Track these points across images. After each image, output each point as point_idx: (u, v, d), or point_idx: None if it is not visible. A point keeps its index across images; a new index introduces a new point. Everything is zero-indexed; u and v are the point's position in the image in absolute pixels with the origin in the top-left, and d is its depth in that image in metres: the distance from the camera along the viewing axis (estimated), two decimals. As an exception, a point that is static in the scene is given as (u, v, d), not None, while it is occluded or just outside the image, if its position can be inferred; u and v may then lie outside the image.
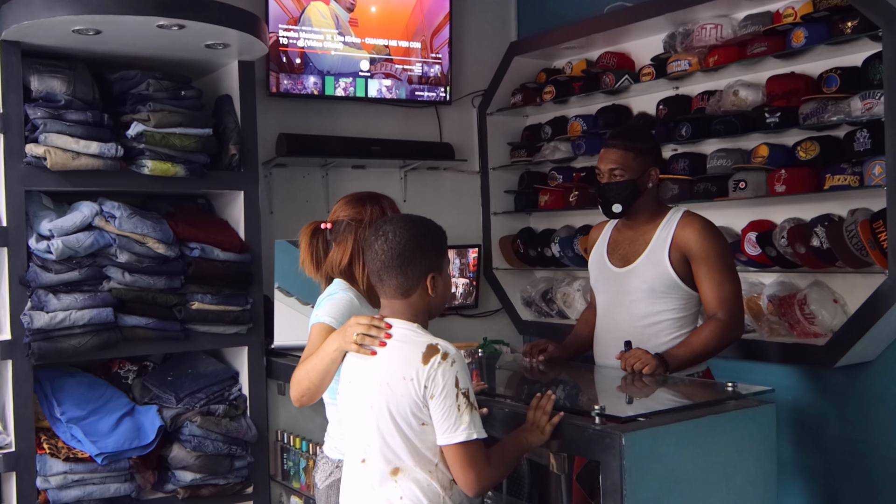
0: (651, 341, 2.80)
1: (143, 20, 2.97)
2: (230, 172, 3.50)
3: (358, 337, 2.08)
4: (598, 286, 3.06)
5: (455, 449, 2.00)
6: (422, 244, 2.11)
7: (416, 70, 4.62)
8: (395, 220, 2.16)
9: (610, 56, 4.43)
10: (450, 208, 4.85)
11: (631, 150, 2.87)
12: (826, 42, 3.39)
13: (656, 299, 2.86)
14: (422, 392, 2.00)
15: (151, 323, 3.28)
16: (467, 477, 2.02)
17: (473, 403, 2.03)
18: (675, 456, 2.14)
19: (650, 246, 2.89)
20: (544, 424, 2.18)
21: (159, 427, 3.26)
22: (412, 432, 2.03)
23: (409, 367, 2.01)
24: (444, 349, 2.02)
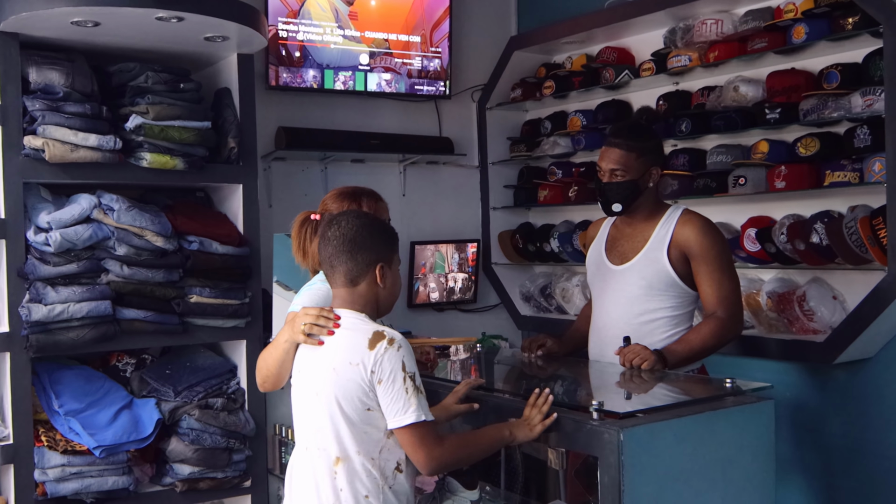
0: (647, 338, 2.80)
1: (142, 12, 2.96)
2: (229, 166, 3.49)
3: (306, 327, 2.12)
4: (594, 282, 3.06)
5: (406, 431, 2.05)
6: (373, 233, 2.17)
7: (416, 64, 4.61)
8: (348, 213, 2.26)
9: (610, 51, 4.42)
10: (449, 203, 4.84)
11: (633, 150, 2.86)
12: (827, 38, 3.38)
13: (653, 296, 2.86)
14: (368, 377, 2.04)
15: (150, 316, 3.28)
16: (419, 456, 2.07)
17: (420, 387, 2.08)
18: (674, 452, 2.14)
19: (649, 243, 2.89)
20: (536, 423, 2.20)
21: (157, 420, 3.26)
22: (358, 417, 2.06)
23: (355, 352, 2.06)
24: (390, 335, 2.07)
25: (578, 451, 2.30)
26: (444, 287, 4.75)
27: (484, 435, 2.21)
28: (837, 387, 3.48)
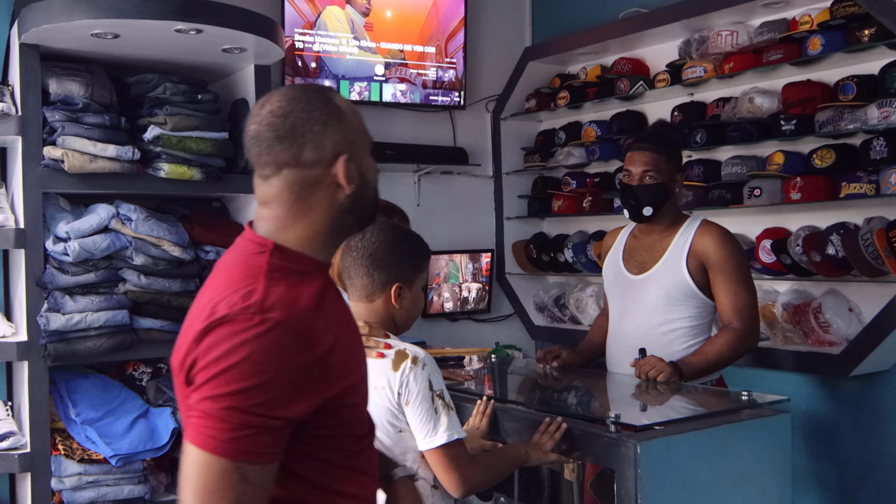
0: (666, 349, 2.80)
1: (161, 24, 2.99)
2: (245, 176, 3.50)
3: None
4: (612, 292, 3.06)
5: (437, 452, 2.00)
6: (395, 251, 2.10)
7: (431, 74, 4.63)
8: (379, 225, 2.16)
9: (625, 62, 4.42)
10: (463, 213, 4.85)
11: (663, 154, 2.89)
12: (842, 50, 3.38)
13: (672, 307, 2.86)
14: (396, 399, 2.00)
15: (166, 325, 3.29)
16: (451, 478, 2.02)
17: (449, 404, 2.03)
18: (690, 465, 2.14)
19: (667, 253, 2.89)
20: (548, 450, 2.21)
21: (173, 429, 3.27)
22: (390, 440, 2.03)
23: (379, 375, 2.01)
24: (414, 353, 2.02)
25: (594, 464, 2.30)
26: (457, 297, 4.75)
27: (507, 454, 2.20)
28: (853, 399, 3.46)
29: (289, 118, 1.44)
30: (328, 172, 1.46)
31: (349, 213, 1.50)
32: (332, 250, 1.53)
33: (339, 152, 1.47)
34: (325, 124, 1.45)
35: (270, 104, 1.46)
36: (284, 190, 1.46)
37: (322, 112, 1.45)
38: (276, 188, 1.47)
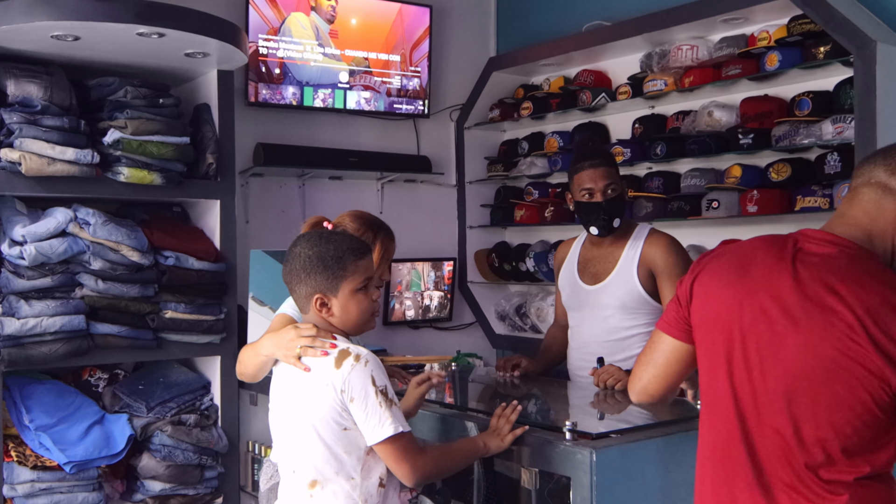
0: (623, 354, 2.88)
1: (123, 28, 2.97)
2: (207, 181, 3.49)
3: (301, 350, 2.08)
4: (570, 304, 3.11)
5: (386, 445, 2.03)
6: (306, 265, 2.08)
7: (395, 83, 4.64)
8: (299, 239, 2.15)
9: (587, 74, 4.47)
10: (426, 221, 4.86)
11: (614, 166, 3.01)
12: (799, 66, 3.45)
13: (627, 315, 2.93)
14: (339, 397, 2.02)
15: (124, 331, 3.26)
16: (402, 468, 2.05)
17: (393, 399, 2.05)
18: (645, 472, 2.17)
19: (619, 263, 2.97)
20: (506, 433, 2.22)
21: (129, 436, 3.24)
22: (334, 439, 2.05)
23: (324, 374, 2.03)
24: (356, 352, 2.04)
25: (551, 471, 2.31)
26: (419, 305, 4.76)
27: (461, 446, 2.23)
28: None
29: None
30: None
31: None
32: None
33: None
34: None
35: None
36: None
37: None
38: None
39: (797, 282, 1.63)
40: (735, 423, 1.71)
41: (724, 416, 1.73)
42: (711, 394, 1.78)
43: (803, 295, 1.61)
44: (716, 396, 1.76)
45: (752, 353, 1.67)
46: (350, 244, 2.15)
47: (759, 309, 1.66)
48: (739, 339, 1.69)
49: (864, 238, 1.66)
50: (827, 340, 1.57)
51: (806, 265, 1.64)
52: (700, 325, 1.79)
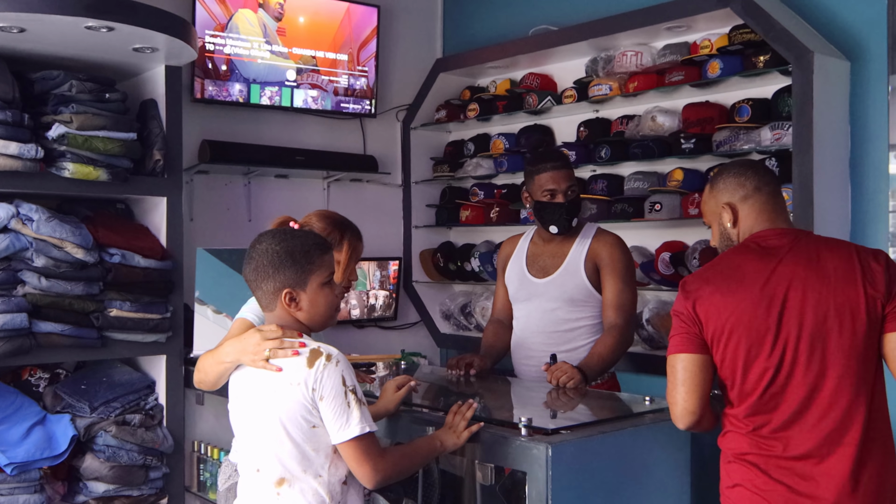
0: (568, 345, 3.04)
1: (71, 21, 2.91)
2: (154, 178, 3.44)
3: (271, 352, 2.08)
4: (517, 296, 3.21)
5: (350, 444, 2.05)
6: (273, 260, 2.09)
7: (343, 82, 4.64)
8: (262, 236, 2.16)
9: (533, 77, 4.54)
10: (372, 220, 4.85)
11: (572, 168, 3.13)
12: (739, 74, 3.56)
13: (574, 307, 3.07)
14: (310, 395, 2.03)
15: (67, 330, 3.20)
16: (363, 469, 2.07)
17: (361, 399, 2.08)
18: (598, 466, 2.23)
19: (568, 258, 3.10)
20: (461, 430, 2.26)
21: (72, 436, 3.18)
22: (303, 436, 2.06)
23: (295, 373, 2.04)
24: (327, 351, 2.06)
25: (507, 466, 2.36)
26: (364, 304, 4.77)
27: (420, 446, 2.25)
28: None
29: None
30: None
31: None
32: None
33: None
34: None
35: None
36: None
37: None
38: None
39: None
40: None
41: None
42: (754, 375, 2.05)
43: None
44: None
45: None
46: (314, 239, 2.18)
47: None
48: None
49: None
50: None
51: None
52: (721, 334, 2.06)
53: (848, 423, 2.01)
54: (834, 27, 3.40)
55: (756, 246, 2.13)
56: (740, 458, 2.09)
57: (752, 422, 2.07)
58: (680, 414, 2.11)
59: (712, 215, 2.28)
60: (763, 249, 2.12)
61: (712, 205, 2.27)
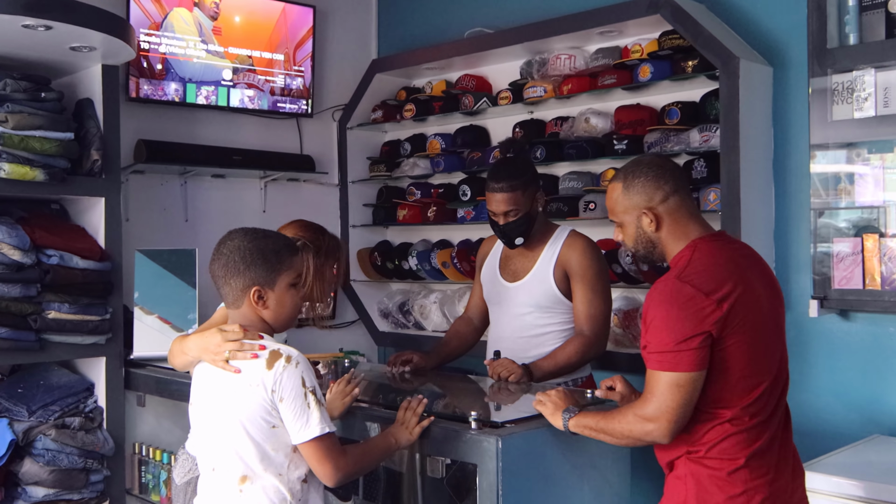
0: (536, 350, 3.02)
1: (8, 19, 2.87)
2: (91, 178, 3.41)
3: (230, 354, 2.12)
4: (490, 299, 3.23)
5: (310, 445, 2.09)
6: (246, 257, 2.13)
7: (279, 82, 4.64)
8: (234, 233, 2.20)
9: (469, 78, 4.61)
10: (309, 220, 4.86)
11: (517, 189, 3.01)
12: (669, 78, 3.70)
13: (543, 313, 3.06)
14: (269, 396, 2.07)
15: (4, 332, 3.15)
16: (325, 468, 2.11)
17: (320, 400, 2.12)
18: (545, 457, 2.32)
19: (537, 263, 3.09)
20: (413, 426, 2.32)
21: (11, 441, 3.13)
22: (262, 436, 2.09)
23: (254, 374, 2.08)
24: (287, 353, 2.10)
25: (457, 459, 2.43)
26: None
27: (376, 444, 2.30)
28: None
29: None
30: None
31: None
32: None
33: None
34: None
35: None
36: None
37: None
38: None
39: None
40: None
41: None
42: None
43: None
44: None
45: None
46: (285, 241, 2.22)
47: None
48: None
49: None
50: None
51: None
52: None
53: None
54: (758, 34, 3.56)
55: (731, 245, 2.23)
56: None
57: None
58: (676, 431, 2.04)
59: (626, 215, 2.24)
60: (738, 250, 2.22)
61: (626, 205, 2.22)
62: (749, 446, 2.07)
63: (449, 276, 4.54)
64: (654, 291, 2.11)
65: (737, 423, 2.06)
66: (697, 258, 2.12)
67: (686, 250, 2.16)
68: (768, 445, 2.10)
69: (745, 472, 2.05)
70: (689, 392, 2.02)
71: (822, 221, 3.24)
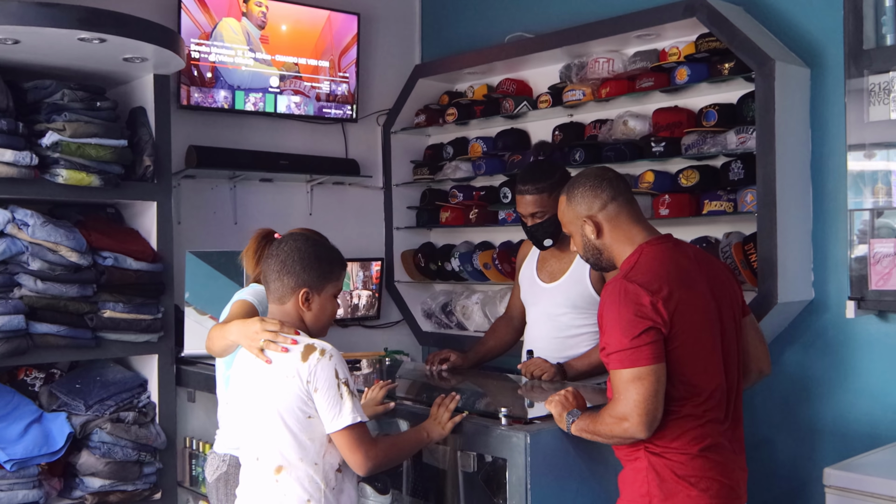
0: (572, 351, 3.08)
1: (65, 33, 3.03)
2: (144, 183, 3.56)
3: (264, 343, 2.24)
4: (527, 299, 3.29)
5: (343, 433, 2.20)
6: (303, 259, 2.29)
7: (324, 88, 4.77)
8: (293, 236, 2.38)
9: (509, 82, 4.68)
10: (354, 222, 5.00)
11: (543, 192, 3.08)
12: (706, 80, 3.72)
13: (578, 314, 3.10)
14: (305, 387, 2.18)
15: (63, 331, 3.31)
16: (356, 457, 2.21)
17: (353, 391, 2.23)
18: (573, 452, 2.38)
19: (573, 265, 3.14)
20: (445, 421, 2.40)
21: (69, 434, 3.29)
22: (299, 426, 2.20)
23: (290, 366, 2.20)
24: (321, 346, 2.22)
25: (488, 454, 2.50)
26: (348, 303, 4.90)
27: (407, 437, 2.40)
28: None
29: None
30: None
31: None
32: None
33: None
34: None
35: None
36: None
37: None
38: None
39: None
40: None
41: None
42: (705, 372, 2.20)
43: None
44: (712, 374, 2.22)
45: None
46: (338, 255, 2.39)
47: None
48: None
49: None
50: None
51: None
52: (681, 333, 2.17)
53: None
54: (795, 36, 3.57)
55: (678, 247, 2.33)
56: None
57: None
58: (650, 424, 2.10)
59: (571, 225, 2.39)
60: (684, 253, 2.31)
61: (571, 216, 2.38)
62: (703, 440, 2.16)
63: (490, 277, 4.61)
64: (604, 294, 2.21)
65: (692, 419, 2.16)
66: (643, 261, 2.22)
67: (633, 254, 2.26)
68: (721, 438, 2.22)
69: (700, 461, 2.16)
70: (653, 384, 2.09)
71: (858, 222, 3.24)
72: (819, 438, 3.48)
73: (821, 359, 3.47)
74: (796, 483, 3.53)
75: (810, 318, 3.50)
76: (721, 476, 2.19)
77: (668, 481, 2.16)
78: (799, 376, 3.53)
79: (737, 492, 2.24)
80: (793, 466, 3.55)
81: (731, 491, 2.21)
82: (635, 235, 2.29)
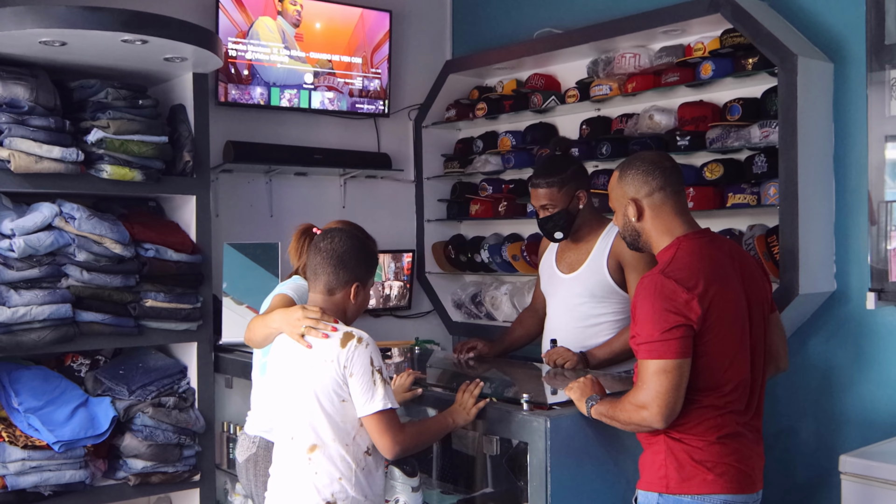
0: (591, 340, 3.16)
1: (109, 35, 3.17)
2: (183, 178, 3.70)
3: (305, 329, 2.36)
4: (547, 290, 3.38)
5: (373, 418, 2.32)
6: (357, 255, 2.45)
7: (357, 84, 4.89)
8: (344, 228, 2.53)
9: (538, 77, 4.76)
10: (386, 215, 5.12)
11: (553, 186, 3.18)
12: (730, 75, 3.77)
13: (597, 303, 3.18)
14: (342, 371, 2.31)
15: (107, 319, 3.47)
16: (385, 441, 2.33)
17: (386, 379, 2.36)
18: (592, 437, 2.47)
19: (591, 255, 3.21)
20: (470, 407, 2.51)
21: (113, 417, 3.45)
22: (333, 409, 2.33)
23: (329, 351, 2.33)
24: (359, 335, 2.35)
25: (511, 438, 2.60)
26: (380, 294, 5.02)
27: (433, 423, 2.51)
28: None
29: None
30: None
31: None
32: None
33: None
34: None
35: None
36: None
37: None
38: None
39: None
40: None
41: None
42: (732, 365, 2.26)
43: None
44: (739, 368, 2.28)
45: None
46: (376, 249, 2.56)
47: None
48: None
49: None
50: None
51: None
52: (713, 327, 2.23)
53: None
54: (819, 30, 3.61)
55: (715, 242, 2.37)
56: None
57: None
58: (668, 415, 2.16)
59: (616, 202, 2.44)
60: (720, 248, 2.36)
61: (618, 193, 2.42)
62: (722, 429, 2.23)
63: (519, 268, 4.70)
64: (641, 286, 2.26)
65: (713, 409, 2.22)
66: (680, 255, 2.27)
67: (670, 247, 2.31)
68: (740, 428, 2.28)
69: (718, 447, 2.23)
70: (677, 378, 2.16)
71: (880, 214, 3.29)
72: (840, 427, 3.53)
73: (842, 349, 3.52)
74: (818, 471, 3.59)
75: (832, 309, 3.55)
76: (737, 462, 2.26)
77: (685, 465, 2.24)
78: (821, 366, 3.59)
79: (752, 478, 2.30)
80: (815, 455, 3.61)
81: (746, 477, 2.28)
82: (675, 227, 2.34)
